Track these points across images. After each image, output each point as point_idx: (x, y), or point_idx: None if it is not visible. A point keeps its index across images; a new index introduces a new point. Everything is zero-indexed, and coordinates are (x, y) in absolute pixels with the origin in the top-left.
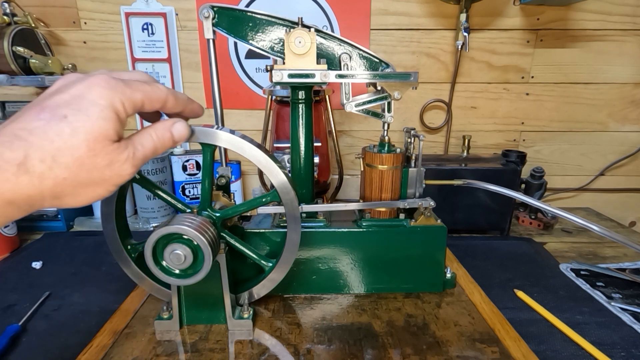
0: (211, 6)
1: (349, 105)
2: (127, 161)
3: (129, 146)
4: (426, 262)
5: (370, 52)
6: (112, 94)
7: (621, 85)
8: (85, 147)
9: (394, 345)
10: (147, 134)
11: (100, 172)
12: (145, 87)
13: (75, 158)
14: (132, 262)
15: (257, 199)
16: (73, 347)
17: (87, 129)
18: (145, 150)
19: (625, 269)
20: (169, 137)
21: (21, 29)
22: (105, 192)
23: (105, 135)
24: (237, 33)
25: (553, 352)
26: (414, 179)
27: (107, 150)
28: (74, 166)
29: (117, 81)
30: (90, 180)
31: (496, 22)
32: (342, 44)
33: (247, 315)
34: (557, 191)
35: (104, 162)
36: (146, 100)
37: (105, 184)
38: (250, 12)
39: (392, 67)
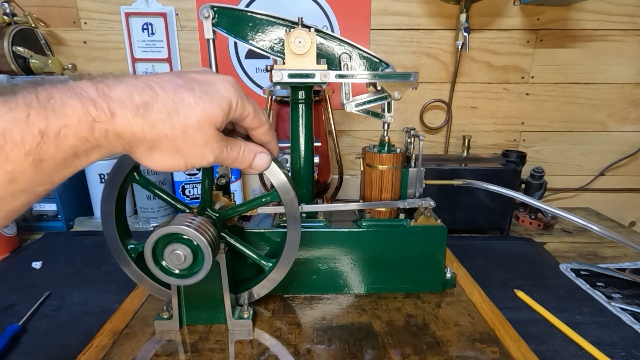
0: (211, 6)
1: (349, 105)
2: (215, 150)
3: (223, 141)
4: (426, 262)
5: (370, 52)
6: (235, 92)
7: (621, 85)
8: (196, 121)
9: (394, 345)
10: (238, 144)
11: (193, 147)
12: (256, 105)
13: (183, 124)
14: (132, 262)
15: (257, 199)
16: (73, 347)
17: (204, 108)
18: (230, 154)
19: (625, 269)
20: (250, 160)
21: (21, 29)
22: (185, 166)
23: (214, 120)
24: (237, 33)
25: (553, 352)
26: (414, 179)
27: (208, 132)
28: (179, 130)
29: (240, 87)
30: (182, 148)
31: (496, 22)
32: (342, 44)
33: (247, 315)
34: (557, 191)
35: (201, 140)
36: (252, 114)
37: (189, 159)
38: (250, 12)
39: (392, 67)
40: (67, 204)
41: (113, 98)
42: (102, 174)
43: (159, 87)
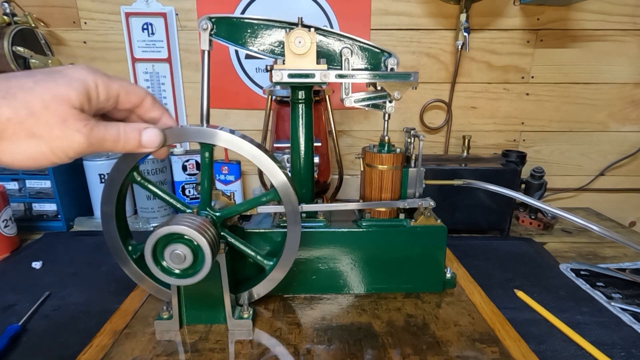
0: (209, 17)
1: (348, 100)
2: (81, 129)
3: (90, 120)
4: (426, 262)
5: (370, 43)
6: (88, 74)
7: (621, 85)
8: (39, 100)
9: (394, 345)
10: (115, 125)
11: (49, 128)
12: (126, 82)
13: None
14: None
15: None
16: (73, 347)
17: (50, 88)
18: (106, 134)
19: (625, 269)
20: (136, 137)
21: (21, 29)
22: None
23: (65, 98)
24: (237, 40)
25: (553, 352)
26: (414, 179)
27: (62, 110)
28: (23, 111)
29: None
30: (36, 132)
31: (496, 22)
32: (342, 39)
33: (247, 315)
34: (557, 191)
35: (55, 119)
36: (122, 91)
37: (51, 142)
38: (247, 19)
39: (394, 55)
40: (67, 204)
41: None
42: (102, 174)
43: None
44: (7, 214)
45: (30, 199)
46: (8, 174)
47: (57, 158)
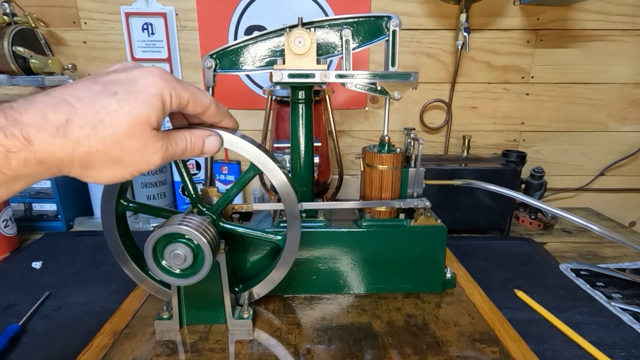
0: (211, 55)
1: (349, 83)
2: (158, 151)
3: (164, 138)
4: (426, 262)
5: (367, 14)
6: (164, 84)
7: (621, 85)
8: (126, 126)
9: (394, 345)
10: (183, 135)
11: (131, 154)
12: (194, 89)
13: (113, 133)
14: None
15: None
16: (73, 347)
17: (132, 110)
18: (177, 148)
19: (625, 269)
20: (200, 146)
21: (21, 29)
22: (129, 174)
23: (147, 121)
24: (241, 65)
25: (553, 352)
26: (414, 179)
27: (144, 135)
28: (110, 141)
29: (171, 76)
30: (119, 158)
31: (496, 22)
32: (339, 20)
33: (247, 315)
34: (557, 191)
35: (137, 145)
36: (192, 101)
37: (130, 166)
38: (244, 42)
39: (395, 16)
40: (67, 204)
41: (26, 123)
42: None
43: (75, 100)
44: (7, 214)
45: (30, 199)
46: None
47: (132, 176)
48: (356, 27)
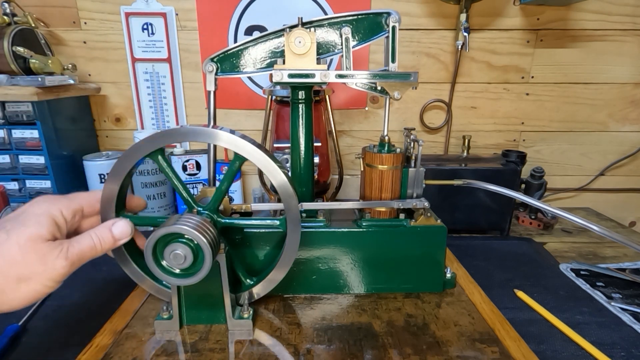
0: (211, 59)
1: (349, 81)
2: (59, 256)
3: (64, 243)
4: (426, 262)
5: (366, 11)
6: (48, 205)
7: (621, 85)
8: (17, 247)
9: (394, 345)
10: (86, 234)
11: (33, 267)
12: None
13: (5, 256)
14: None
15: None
16: (73, 347)
17: (20, 233)
18: (81, 246)
19: (625, 269)
20: (108, 235)
21: (21, 29)
22: (42, 287)
23: (37, 236)
24: (242, 68)
25: (553, 352)
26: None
27: (38, 247)
28: (6, 265)
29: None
30: (23, 275)
31: (496, 22)
32: (338, 19)
33: (247, 315)
34: (557, 191)
35: (34, 257)
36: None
37: (39, 279)
38: (245, 44)
39: (395, 13)
40: None
41: None
42: (102, 174)
43: None
44: (8, 214)
45: (30, 199)
46: (8, 174)
47: (49, 288)
48: (356, 25)
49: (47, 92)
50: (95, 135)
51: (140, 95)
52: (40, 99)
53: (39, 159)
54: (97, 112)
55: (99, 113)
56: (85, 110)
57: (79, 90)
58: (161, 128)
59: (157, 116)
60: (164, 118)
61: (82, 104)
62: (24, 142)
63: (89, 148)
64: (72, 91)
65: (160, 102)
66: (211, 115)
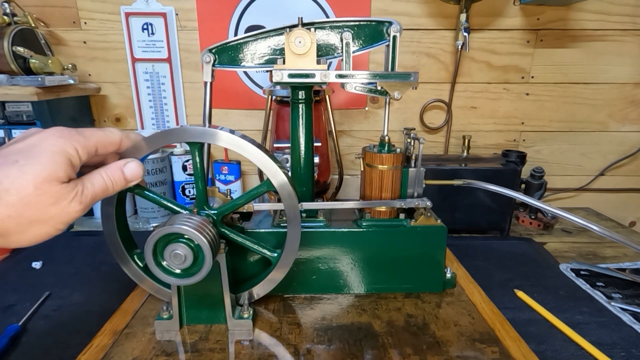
0: (210, 50)
1: (349, 85)
2: (74, 199)
3: (77, 185)
4: (426, 262)
5: (368, 18)
6: (64, 141)
7: (621, 85)
8: (32, 187)
9: (394, 345)
10: (97, 174)
11: (47, 210)
12: (99, 132)
13: (20, 197)
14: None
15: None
16: (73, 347)
17: (36, 171)
18: (94, 188)
19: (625, 269)
20: (120, 177)
21: (21, 29)
22: (53, 230)
23: (54, 177)
24: (238, 62)
25: (553, 352)
26: (414, 179)
27: (54, 190)
28: (20, 205)
29: (70, 130)
30: (36, 218)
31: (496, 22)
32: (340, 23)
33: (247, 315)
34: (557, 191)
35: (50, 200)
36: (99, 145)
37: (51, 222)
38: (244, 38)
39: (395, 22)
40: None
41: None
42: None
43: None
44: None
45: None
46: None
47: (59, 230)
48: (357, 31)
49: (47, 92)
50: None
51: (140, 95)
52: (40, 99)
53: None
54: (97, 112)
55: (99, 113)
56: (85, 110)
57: (79, 90)
58: (161, 128)
59: (157, 116)
60: (164, 118)
61: (82, 104)
62: None
63: None
64: (72, 91)
65: (160, 102)
66: (207, 106)
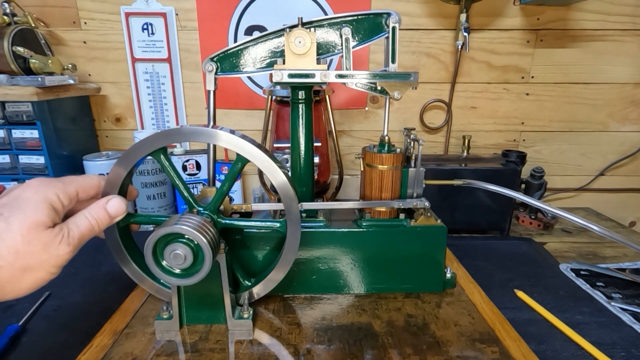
0: (211, 58)
1: (349, 81)
2: (62, 242)
3: (63, 228)
4: (426, 262)
5: (366, 12)
6: (44, 189)
7: (621, 85)
8: (19, 236)
9: (394, 345)
10: (81, 215)
11: (37, 256)
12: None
13: (9, 247)
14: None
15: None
16: (73, 347)
17: (21, 221)
18: (80, 229)
19: (625, 269)
20: (104, 215)
21: (21, 29)
22: (48, 274)
23: (39, 223)
24: (241, 68)
25: (553, 352)
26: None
27: (41, 236)
28: (9, 255)
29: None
30: (28, 265)
31: (496, 22)
32: (338, 19)
33: (247, 315)
34: (557, 191)
35: (38, 246)
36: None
37: (44, 267)
38: (245, 44)
39: (395, 13)
40: None
41: None
42: (102, 174)
43: None
44: None
45: None
46: (8, 174)
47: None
48: (356, 25)
49: (47, 92)
50: (95, 135)
51: (140, 95)
52: (40, 99)
53: (39, 159)
54: (97, 112)
55: (99, 113)
56: (85, 110)
57: (79, 90)
58: (161, 128)
59: (157, 116)
60: (164, 118)
61: (82, 104)
62: (24, 142)
63: (89, 148)
64: (72, 91)
65: (160, 102)
66: (211, 114)
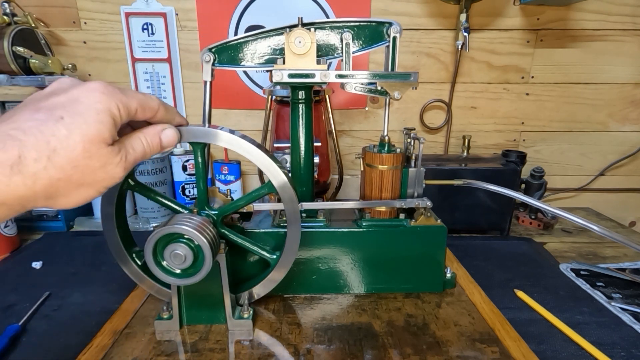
0: (209, 49)
1: (349, 85)
2: (119, 164)
3: (121, 149)
4: (426, 262)
5: (368, 19)
6: (109, 99)
7: (621, 85)
8: (81, 149)
9: (394, 345)
10: (137, 139)
11: (93, 173)
12: (140, 95)
13: (70, 159)
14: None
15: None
16: (73, 347)
17: (84, 131)
18: (136, 154)
19: (625, 269)
20: (158, 143)
21: (21, 29)
22: (96, 193)
23: (101, 138)
24: (238, 62)
25: (553, 352)
26: (414, 179)
27: (102, 153)
28: (69, 167)
29: (113, 87)
30: (83, 181)
31: (496, 22)
32: (340, 23)
33: (247, 315)
34: (557, 191)
35: (97, 164)
36: (139, 108)
37: (96, 185)
38: (244, 38)
39: (395, 22)
40: None
41: None
42: None
43: (21, 133)
44: None
45: None
46: None
47: (100, 194)
48: (357, 31)
49: None
50: None
51: None
52: None
53: None
54: None
55: None
56: None
57: None
58: None
59: None
60: None
61: None
62: None
63: None
64: None
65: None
66: (206, 105)
